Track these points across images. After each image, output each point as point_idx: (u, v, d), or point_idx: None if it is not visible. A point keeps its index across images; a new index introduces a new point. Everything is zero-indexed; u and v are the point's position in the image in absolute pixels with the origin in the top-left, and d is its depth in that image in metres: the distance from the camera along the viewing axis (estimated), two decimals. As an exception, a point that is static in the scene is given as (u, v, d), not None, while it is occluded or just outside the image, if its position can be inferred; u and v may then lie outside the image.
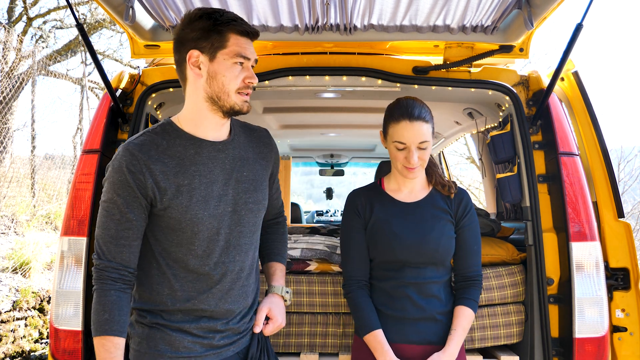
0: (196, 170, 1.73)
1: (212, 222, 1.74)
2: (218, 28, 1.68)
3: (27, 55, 8.98)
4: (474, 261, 2.12)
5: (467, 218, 2.12)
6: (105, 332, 1.65)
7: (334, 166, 7.03)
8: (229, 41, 1.70)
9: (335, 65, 2.63)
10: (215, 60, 1.70)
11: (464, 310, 2.06)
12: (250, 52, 1.73)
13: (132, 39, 2.63)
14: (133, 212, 1.69)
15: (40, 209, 7.96)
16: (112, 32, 11.66)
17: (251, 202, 1.82)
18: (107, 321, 1.66)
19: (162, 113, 2.81)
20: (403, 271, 2.04)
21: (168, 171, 1.70)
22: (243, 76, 1.73)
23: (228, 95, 1.73)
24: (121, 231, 1.69)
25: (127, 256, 1.71)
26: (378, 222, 2.09)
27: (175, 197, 1.70)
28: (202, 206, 1.72)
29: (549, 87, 2.40)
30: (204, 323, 1.77)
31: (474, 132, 3.72)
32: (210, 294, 1.77)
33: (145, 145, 1.71)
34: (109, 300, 1.67)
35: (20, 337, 5.29)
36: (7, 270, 5.87)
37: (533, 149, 2.49)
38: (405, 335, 2.03)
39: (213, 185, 1.75)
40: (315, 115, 4.09)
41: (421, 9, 2.29)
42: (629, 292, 2.38)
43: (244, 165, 1.82)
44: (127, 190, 1.68)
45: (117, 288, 1.69)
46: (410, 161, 2.02)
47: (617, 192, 2.51)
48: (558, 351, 2.34)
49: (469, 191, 11.69)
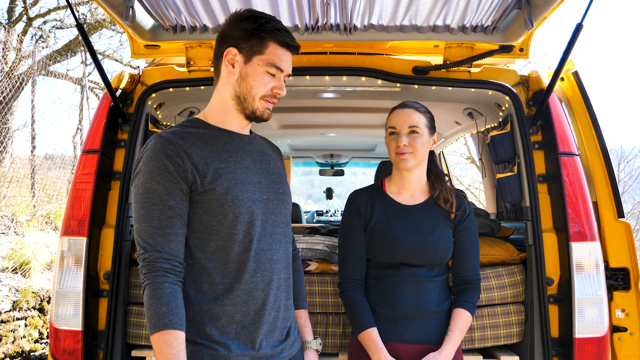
0: (230, 156, 1.72)
1: (252, 206, 1.70)
2: (261, 33, 1.70)
3: (27, 55, 8.98)
4: (472, 265, 2.14)
5: (466, 222, 2.14)
6: (166, 327, 1.54)
7: (334, 166, 7.03)
8: (267, 48, 1.71)
9: (335, 65, 2.64)
10: (249, 63, 1.72)
11: (461, 313, 2.07)
12: (285, 65, 1.76)
13: (132, 39, 2.63)
14: (174, 198, 1.62)
15: (40, 209, 7.96)
16: (112, 32, 11.66)
17: (281, 193, 1.82)
18: (165, 314, 1.55)
19: (162, 113, 2.81)
20: (399, 270, 2.07)
21: (205, 155, 1.67)
22: (272, 85, 1.75)
23: (253, 99, 1.74)
24: (165, 220, 1.61)
25: (176, 245, 1.62)
26: (378, 223, 2.11)
27: (215, 180, 1.66)
28: (241, 189, 1.69)
29: (549, 87, 2.39)
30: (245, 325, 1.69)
31: (474, 132, 3.72)
32: (252, 283, 1.69)
33: (177, 133, 1.69)
34: (164, 293, 1.57)
35: (20, 337, 5.29)
36: (7, 270, 5.87)
37: (533, 149, 2.49)
38: (400, 335, 2.04)
39: (248, 171, 1.74)
40: (315, 115, 4.09)
41: (421, 9, 2.29)
42: (629, 292, 2.38)
43: (270, 160, 1.85)
44: (167, 177, 1.61)
45: (172, 280, 1.60)
46: (399, 144, 2.07)
47: (617, 192, 2.51)
48: (558, 351, 2.34)
49: (468, 191, 11.71)
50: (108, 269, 2.40)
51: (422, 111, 2.13)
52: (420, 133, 2.09)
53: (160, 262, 1.59)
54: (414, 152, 2.08)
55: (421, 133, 2.09)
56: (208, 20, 2.42)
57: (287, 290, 1.82)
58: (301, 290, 2.02)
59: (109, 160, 2.52)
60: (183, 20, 2.45)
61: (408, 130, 2.09)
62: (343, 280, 2.14)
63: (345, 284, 2.12)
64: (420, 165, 2.14)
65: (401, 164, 2.10)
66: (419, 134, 2.09)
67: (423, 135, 2.10)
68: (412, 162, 2.10)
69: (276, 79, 1.75)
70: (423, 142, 2.10)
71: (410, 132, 2.09)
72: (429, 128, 2.13)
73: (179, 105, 3.12)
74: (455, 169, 12.94)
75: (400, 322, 2.05)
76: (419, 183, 2.17)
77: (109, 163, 2.51)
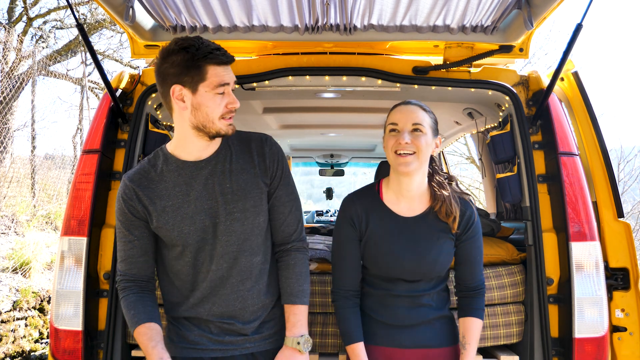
0: (180, 190, 1.89)
1: (199, 234, 1.89)
2: (196, 63, 1.76)
3: (27, 56, 8.98)
4: (477, 271, 2.05)
5: (471, 231, 2.01)
6: (136, 324, 1.86)
7: (334, 166, 7.02)
8: (207, 73, 1.78)
9: (335, 65, 2.63)
10: (197, 93, 1.80)
11: (474, 322, 2.01)
12: (228, 78, 1.83)
13: (132, 39, 2.63)
14: (133, 233, 1.92)
15: (40, 209, 7.96)
16: (112, 32, 11.64)
17: (237, 211, 1.90)
18: (134, 315, 1.88)
19: (162, 113, 2.81)
20: (395, 284, 1.99)
21: (154, 195, 1.89)
22: (225, 102, 1.83)
23: (213, 123, 1.83)
24: (127, 251, 1.93)
25: (137, 271, 1.94)
26: (374, 238, 1.99)
27: (161, 217, 1.88)
28: (188, 222, 1.88)
29: (548, 87, 2.39)
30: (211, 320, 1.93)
31: (474, 132, 3.72)
32: (205, 300, 1.92)
33: (137, 174, 1.92)
34: (130, 301, 1.91)
35: (20, 337, 5.29)
36: (7, 270, 5.87)
37: (533, 149, 2.49)
38: (397, 341, 1.99)
39: (197, 201, 1.89)
40: (315, 115, 4.09)
41: (421, 9, 2.29)
42: (629, 292, 2.38)
43: (227, 177, 1.91)
44: (124, 216, 1.91)
45: (134, 292, 1.92)
46: (400, 142, 1.90)
47: (617, 192, 2.51)
48: (558, 351, 2.34)
49: (468, 191, 11.70)
50: (108, 269, 2.40)
51: (426, 110, 1.98)
52: (424, 132, 1.92)
53: (124, 282, 1.94)
54: (416, 153, 1.91)
55: (425, 132, 1.93)
56: (208, 20, 2.42)
57: (252, 300, 1.94)
58: (289, 285, 1.96)
59: (109, 160, 2.52)
60: (183, 20, 2.45)
61: (411, 128, 1.92)
62: (334, 290, 2.06)
63: (336, 294, 2.05)
64: (421, 169, 1.97)
65: (401, 167, 1.92)
66: (422, 133, 1.92)
67: (427, 135, 1.93)
68: (414, 165, 1.92)
69: (226, 95, 1.83)
70: (427, 142, 1.93)
71: (414, 130, 1.92)
72: (432, 129, 1.97)
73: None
74: (455, 169, 12.94)
75: (397, 329, 1.99)
76: (418, 191, 2.00)
77: (109, 163, 2.51)
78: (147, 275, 1.96)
